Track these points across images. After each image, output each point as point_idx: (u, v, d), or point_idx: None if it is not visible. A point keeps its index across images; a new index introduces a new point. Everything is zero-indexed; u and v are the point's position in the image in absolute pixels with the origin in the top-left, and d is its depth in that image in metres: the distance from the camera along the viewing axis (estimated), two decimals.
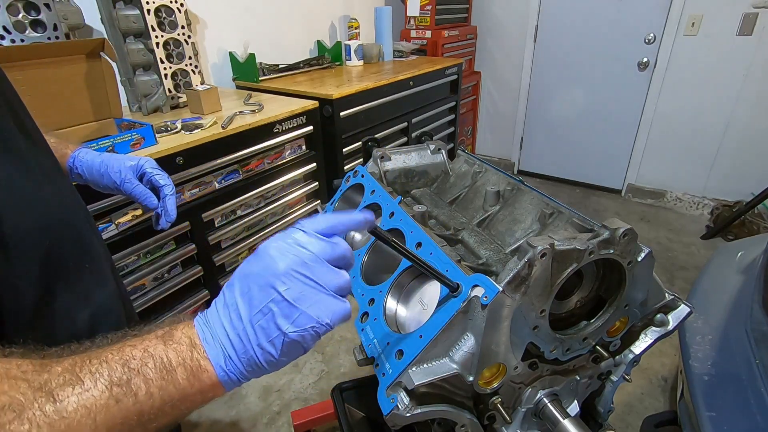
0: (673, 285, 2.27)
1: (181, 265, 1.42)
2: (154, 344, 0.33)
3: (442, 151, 0.99)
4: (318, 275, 0.35)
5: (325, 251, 0.37)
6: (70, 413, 0.27)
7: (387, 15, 2.61)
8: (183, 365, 0.32)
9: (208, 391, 0.34)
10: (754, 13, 2.47)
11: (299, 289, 0.34)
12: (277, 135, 1.62)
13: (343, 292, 0.37)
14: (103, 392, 0.29)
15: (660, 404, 1.61)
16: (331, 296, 0.36)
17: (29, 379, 0.27)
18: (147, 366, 0.31)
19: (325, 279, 0.36)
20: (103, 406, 0.28)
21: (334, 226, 0.39)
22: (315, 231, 0.38)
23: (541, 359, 0.61)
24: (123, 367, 0.30)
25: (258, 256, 0.36)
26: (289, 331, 0.33)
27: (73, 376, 0.29)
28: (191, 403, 0.33)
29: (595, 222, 0.62)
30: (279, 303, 0.34)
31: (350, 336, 1.96)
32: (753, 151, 2.70)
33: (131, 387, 0.30)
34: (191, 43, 1.69)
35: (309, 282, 0.35)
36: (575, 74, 3.16)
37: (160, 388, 0.31)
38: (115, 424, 0.29)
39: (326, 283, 0.36)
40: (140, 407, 0.30)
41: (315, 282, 0.35)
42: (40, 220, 0.44)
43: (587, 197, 3.31)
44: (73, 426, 0.27)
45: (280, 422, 1.57)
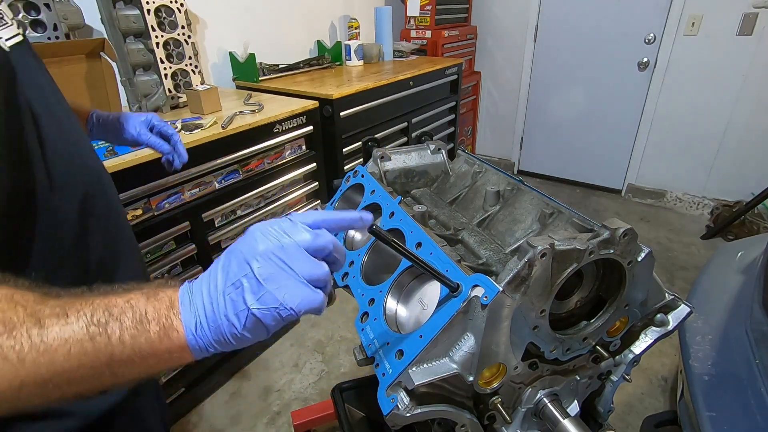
0: (673, 285, 2.27)
1: (181, 265, 1.42)
2: (137, 298, 0.35)
3: (442, 151, 0.99)
4: (293, 261, 0.36)
5: (306, 241, 0.38)
6: (49, 340, 0.31)
7: (387, 15, 2.61)
8: (157, 321, 0.34)
9: (175, 352, 0.35)
10: (754, 13, 2.47)
11: (271, 270, 0.35)
12: (277, 135, 1.62)
13: (317, 283, 0.38)
14: (81, 328, 0.32)
15: (660, 404, 1.61)
16: (301, 283, 0.36)
17: (27, 306, 0.32)
18: (125, 315, 0.34)
19: (300, 266, 0.37)
20: (79, 341, 0.31)
21: (323, 221, 0.41)
22: (302, 222, 0.39)
23: (541, 359, 0.61)
24: (104, 311, 0.33)
25: (245, 236, 0.38)
26: (253, 307, 0.35)
27: (62, 311, 0.32)
28: (159, 359, 0.35)
29: (595, 222, 0.62)
30: (250, 279, 0.35)
31: (350, 336, 1.96)
32: (753, 151, 2.71)
33: (107, 330, 0.33)
34: (191, 43, 1.69)
35: (282, 265, 0.36)
36: (575, 74, 3.16)
37: (132, 337, 0.33)
38: (86, 359, 0.32)
39: (299, 270, 0.36)
40: (111, 350, 0.32)
41: (288, 267, 0.36)
42: (80, 169, 0.53)
43: (587, 197, 3.31)
44: (50, 351, 0.31)
45: (280, 422, 1.57)
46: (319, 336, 1.97)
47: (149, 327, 0.34)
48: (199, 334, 0.35)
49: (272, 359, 1.85)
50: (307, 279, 0.37)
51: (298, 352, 1.89)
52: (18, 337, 0.30)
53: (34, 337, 0.31)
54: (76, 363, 0.32)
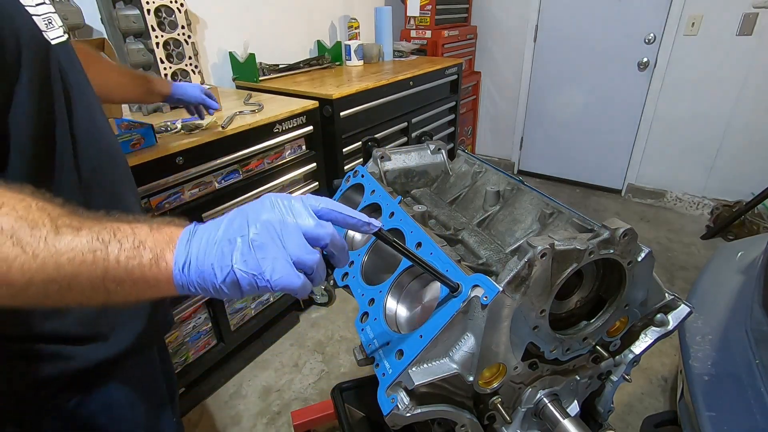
0: (673, 285, 2.27)
1: None
2: (142, 227, 0.39)
3: (442, 151, 0.99)
4: (286, 239, 0.38)
5: (306, 226, 0.39)
6: (60, 246, 0.35)
7: (387, 15, 2.61)
8: (152, 250, 0.38)
9: (162, 282, 0.38)
10: (754, 13, 2.47)
11: (265, 239, 0.37)
12: (277, 135, 1.62)
13: (302, 267, 0.39)
14: (88, 242, 0.36)
15: (660, 404, 1.61)
16: (287, 262, 0.38)
17: (51, 214, 0.37)
18: (127, 239, 0.38)
19: (291, 246, 0.38)
20: (82, 252, 0.36)
21: (330, 212, 0.42)
22: (312, 207, 0.41)
23: (541, 359, 0.61)
24: (110, 232, 0.38)
25: (258, 201, 0.40)
26: (236, 266, 0.37)
27: (77, 225, 0.37)
28: (147, 285, 0.38)
29: (595, 222, 0.62)
30: (244, 240, 0.37)
31: (350, 336, 1.96)
32: (753, 151, 2.71)
33: (107, 248, 0.37)
34: (191, 43, 1.69)
35: (276, 239, 0.38)
36: (575, 74, 3.16)
37: (127, 259, 0.37)
38: (85, 269, 0.36)
39: (289, 249, 0.38)
40: (107, 266, 0.36)
41: (281, 242, 0.38)
42: (97, 144, 0.61)
43: (587, 197, 3.31)
44: (58, 255, 0.35)
45: (280, 422, 1.57)
46: (319, 336, 1.97)
47: (143, 253, 0.37)
48: (185, 272, 0.37)
49: (272, 359, 1.85)
50: (294, 260, 0.38)
51: (298, 352, 1.89)
52: (37, 236, 0.35)
53: (50, 240, 0.35)
54: (76, 270, 0.36)
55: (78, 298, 0.37)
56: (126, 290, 0.38)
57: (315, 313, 2.11)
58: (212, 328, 1.61)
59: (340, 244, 0.42)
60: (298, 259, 0.38)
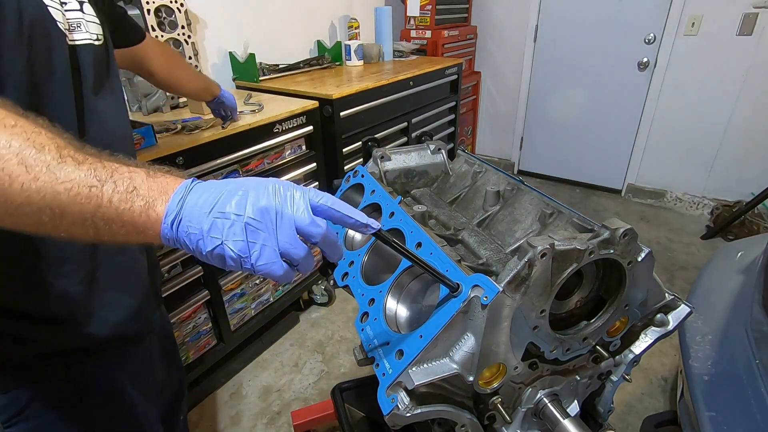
0: (673, 285, 2.27)
1: (181, 265, 1.42)
2: (139, 172, 0.40)
3: (442, 151, 0.99)
4: (279, 229, 0.39)
5: (301, 220, 0.40)
6: (60, 174, 0.37)
7: (387, 15, 2.61)
8: (145, 198, 0.39)
9: (149, 230, 0.39)
10: (754, 13, 2.47)
11: (259, 226, 0.38)
12: (277, 135, 1.62)
13: (289, 258, 0.40)
14: (86, 177, 0.37)
15: (660, 404, 1.61)
16: (274, 250, 0.39)
17: (59, 144, 0.38)
18: (122, 181, 0.38)
19: (282, 237, 0.39)
20: (78, 184, 0.37)
21: (329, 209, 0.42)
22: (311, 202, 0.41)
23: (541, 359, 0.61)
24: (108, 172, 0.39)
25: (262, 182, 0.41)
26: (226, 243, 0.38)
27: (81, 159, 0.38)
28: (135, 230, 0.39)
29: (595, 222, 0.62)
30: (239, 221, 0.38)
31: (350, 336, 1.96)
32: (753, 151, 2.71)
33: (102, 187, 0.38)
34: (191, 43, 1.69)
35: (269, 228, 0.39)
36: (575, 74, 3.16)
37: (119, 201, 0.38)
38: (77, 201, 0.37)
39: (280, 240, 0.39)
40: (99, 203, 0.37)
41: (273, 231, 0.39)
42: (113, 129, 0.68)
43: (587, 197, 3.31)
44: (57, 183, 0.36)
45: (280, 422, 1.57)
46: (319, 336, 1.97)
47: (135, 199, 0.38)
48: (173, 228, 0.38)
49: (272, 359, 1.85)
50: (281, 251, 0.39)
51: (298, 352, 1.89)
52: (41, 160, 0.36)
53: (52, 166, 0.37)
54: (71, 201, 0.37)
55: (69, 229, 0.38)
56: (114, 230, 0.39)
57: (315, 313, 2.11)
58: (212, 328, 1.61)
59: (332, 241, 0.43)
60: (286, 251, 0.39)
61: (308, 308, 2.14)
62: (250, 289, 1.72)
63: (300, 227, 0.40)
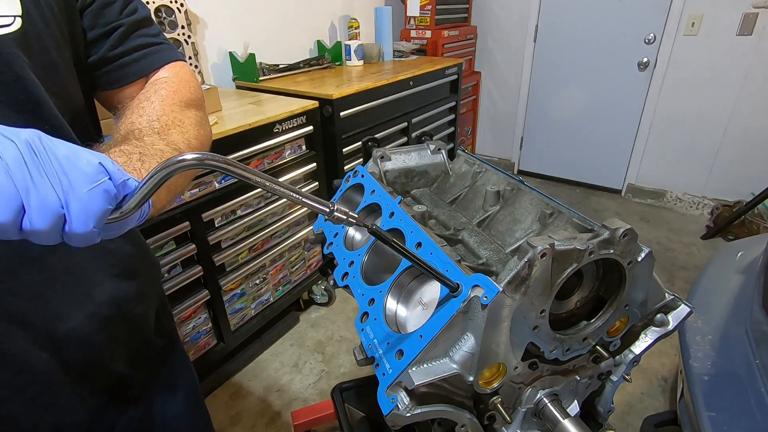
0: (673, 285, 2.27)
1: (181, 265, 1.42)
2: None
3: (442, 151, 0.99)
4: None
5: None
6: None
7: (387, 15, 2.61)
8: None
9: None
10: (754, 13, 2.47)
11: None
12: (277, 135, 1.62)
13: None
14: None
15: (660, 404, 1.61)
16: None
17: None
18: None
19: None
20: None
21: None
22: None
23: (541, 359, 0.61)
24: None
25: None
26: None
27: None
28: None
29: (595, 222, 0.62)
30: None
31: (350, 336, 1.96)
32: (753, 151, 2.71)
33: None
34: (191, 43, 1.70)
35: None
36: (575, 74, 3.16)
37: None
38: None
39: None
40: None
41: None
42: None
43: (587, 197, 3.31)
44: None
45: (280, 422, 1.57)
46: (319, 336, 1.97)
47: None
48: None
49: (272, 359, 1.85)
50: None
51: (298, 352, 1.89)
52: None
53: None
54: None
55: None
56: None
57: (315, 313, 2.11)
58: (212, 328, 1.61)
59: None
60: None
61: (308, 308, 2.14)
62: (250, 289, 1.72)
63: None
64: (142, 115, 0.52)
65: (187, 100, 0.59)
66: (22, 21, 0.45)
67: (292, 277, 1.91)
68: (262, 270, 1.74)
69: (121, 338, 0.58)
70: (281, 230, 1.76)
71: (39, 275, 0.48)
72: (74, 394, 0.53)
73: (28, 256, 0.47)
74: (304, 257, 1.94)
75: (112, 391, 0.59)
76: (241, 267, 1.63)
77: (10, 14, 0.44)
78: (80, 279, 0.52)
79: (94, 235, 0.32)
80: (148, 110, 0.53)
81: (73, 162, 0.30)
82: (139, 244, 0.64)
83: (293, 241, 1.83)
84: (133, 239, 0.62)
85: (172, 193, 0.52)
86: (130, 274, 0.59)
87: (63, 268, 0.50)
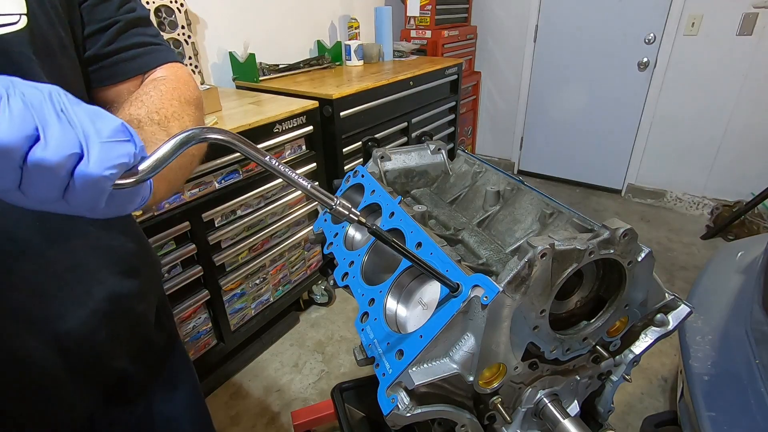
0: (673, 285, 2.27)
1: (181, 265, 1.42)
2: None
3: (442, 151, 0.99)
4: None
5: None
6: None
7: (387, 15, 2.61)
8: None
9: None
10: (754, 13, 2.47)
11: None
12: (277, 135, 1.62)
13: None
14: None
15: (660, 404, 1.61)
16: None
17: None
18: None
19: None
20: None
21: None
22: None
23: (541, 359, 0.61)
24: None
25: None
26: None
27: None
28: None
29: (595, 222, 0.62)
30: None
31: (350, 336, 1.96)
32: (753, 151, 2.71)
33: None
34: (191, 43, 1.70)
35: None
36: (575, 74, 3.16)
37: None
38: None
39: None
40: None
41: None
42: None
43: (587, 197, 3.31)
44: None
45: (280, 422, 1.57)
46: (319, 336, 1.97)
47: None
48: None
49: (272, 359, 1.85)
50: None
51: (298, 352, 1.89)
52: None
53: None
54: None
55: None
56: None
57: (315, 313, 2.11)
58: (212, 328, 1.61)
59: None
60: None
61: (308, 308, 2.14)
62: (250, 289, 1.72)
63: None
64: (140, 107, 0.51)
65: (186, 97, 0.58)
66: (28, 19, 0.44)
67: (292, 277, 1.91)
68: (262, 270, 1.74)
69: (121, 336, 0.57)
70: (281, 230, 1.76)
71: (43, 272, 0.48)
72: (75, 390, 0.52)
73: (32, 251, 0.46)
74: (304, 257, 1.94)
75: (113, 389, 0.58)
76: (241, 267, 1.63)
77: (15, 12, 0.43)
78: (83, 276, 0.52)
79: (105, 187, 0.29)
80: (147, 103, 0.52)
81: (95, 116, 0.29)
82: (141, 242, 0.64)
83: (293, 241, 1.83)
84: (136, 237, 0.62)
85: (171, 185, 0.52)
86: (132, 272, 0.59)
87: (66, 265, 0.50)
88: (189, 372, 0.76)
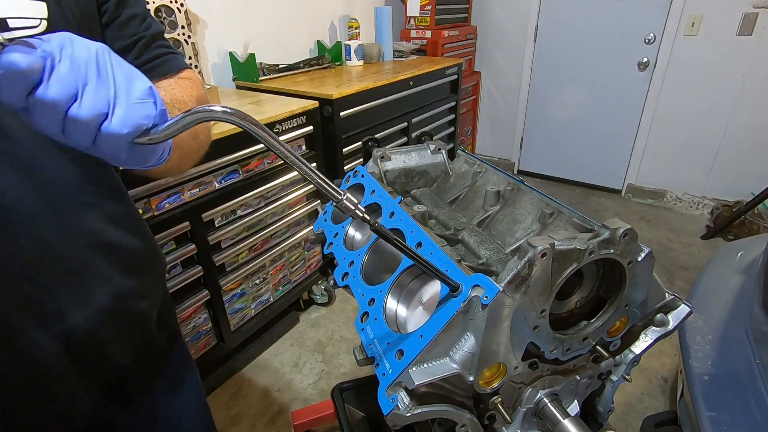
0: (673, 285, 2.27)
1: (181, 265, 1.42)
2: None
3: (442, 151, 0.99)
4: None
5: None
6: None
7: (387, 15, 2.61)
8: None
9: None
10: (754, 13, 2.47)
11: None
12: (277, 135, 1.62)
13: None
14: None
15: (660, 404, 1.61)
16: None
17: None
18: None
19: None
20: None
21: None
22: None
23: (541, 359, 0.61)
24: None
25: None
26: None
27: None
28: None
29: (595, 222, 0.62)
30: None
31: (350, 336, 1.96)
32: (753, 151, 2.71)
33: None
34: (191, 43, 1.70)
35: None
36: (575, 74, 3.16)
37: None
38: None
39: None
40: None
41: None
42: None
43: (587, 197, 3.31)
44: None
45: (280, 422, 1.57)
46: (319, 336, 1.97)
47: None
48: None
49: (272, 359, 1.85)
50: None
51: (298, 352, 1.89)
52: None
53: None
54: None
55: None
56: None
57: (315, 313, 2.11)
58: (212, 328, 1.61)
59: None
60: None
61: (308, 308, 2.14)
62: (250, 289, 1.72)
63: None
64: (164, 96, 0.55)
65: (200, 95, 0.64)
66: (48, 24, 0.45)
67: (292, 277, 1.91)
68: (262, 270, 1.74)
69: (125, 333, 0.58)
70: (281, 230, 1.76)
71: (56, 266, 0.49)
72: (79, 385, 0.53)
73: (43, 246, 0.47)
74: (304, 257, 1.94)
75: (115, 385, 0.59)
76: (241, 267, 1.63)
77: (36, 17, 0.45)
78: (92, 272, 0.53)
79: (123, 143, 0.35)
80: (170, 92, 0.57)
81: (130, 77, 0.35)
82: (148, 240, 0.65)
83: (293, 241, 1.83)
84: (143, 235, 0.63)
85: (182, 158, 0.59)
86: (138, 270, 0.60)
87: (75, 260, 0.51)
88: (191, 370, 0.77)
